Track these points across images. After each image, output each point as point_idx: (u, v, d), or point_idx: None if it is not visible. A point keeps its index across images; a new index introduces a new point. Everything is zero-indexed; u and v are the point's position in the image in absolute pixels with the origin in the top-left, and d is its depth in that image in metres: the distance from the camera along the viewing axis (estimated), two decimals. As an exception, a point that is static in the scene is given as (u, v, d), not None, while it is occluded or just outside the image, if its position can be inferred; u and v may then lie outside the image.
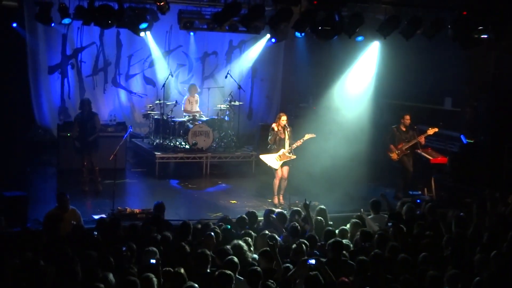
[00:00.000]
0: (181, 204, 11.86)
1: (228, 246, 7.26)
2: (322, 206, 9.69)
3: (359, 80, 15.76)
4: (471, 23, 11.79)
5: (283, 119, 11.91)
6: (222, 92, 17.07)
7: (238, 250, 7.17)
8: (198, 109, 15.44)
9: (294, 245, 7.49)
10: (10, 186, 10.64)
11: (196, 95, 15.56)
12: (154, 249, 7.13)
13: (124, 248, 7.03)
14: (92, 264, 6.67)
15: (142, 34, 12.69)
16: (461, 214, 9.29)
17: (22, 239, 7.79)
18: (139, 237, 7.88)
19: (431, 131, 12.72)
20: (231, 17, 11.92)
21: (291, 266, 6.88)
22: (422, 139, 12.80)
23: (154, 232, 8.06)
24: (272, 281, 6.25)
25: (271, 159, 11.93)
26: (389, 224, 8.89)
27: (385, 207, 10.08)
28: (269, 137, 12.03)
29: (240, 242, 7.38)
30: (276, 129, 11.91)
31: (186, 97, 15.52)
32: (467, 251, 7.68)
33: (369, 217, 9.46)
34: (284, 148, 11.86)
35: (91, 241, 7.76)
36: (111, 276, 6.26)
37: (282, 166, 11.94)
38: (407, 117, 12.93)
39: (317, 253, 7.68)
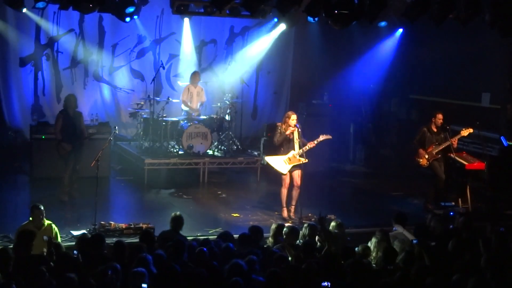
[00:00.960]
0: (174, 218, 11.83)
1: (227, 266, 7.26)
2: (339, 220, 9.69)
3: (382, 73, 15.77)
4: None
5: (293, 118, 11.59)
6: (222, 87, 17.06)
7: (237, 271, 7.17)
8: (198, 106, 15.18)
9: (304, 265, 7.48)
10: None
11: (199, 86, 15.29)
12: (143, 270, 7.13)
13: (110, 272, 7.03)
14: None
15: (128, 19, 12.71)
16: (502, 229, 9.28)
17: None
18: (127, 257, 7.88)
19: (465, 132, 12.64)
20: (232, -1, 11.91)
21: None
22: (455, 142, 12.73)
23: (145, 250, 8.05)
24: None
25: (279, 162, 11.73)
26: (414, 241, 8.89)
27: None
28: (275, 137, 11.83)
29: (239, 261, 7.37)
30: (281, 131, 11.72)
31: (186, 85, 15.33)
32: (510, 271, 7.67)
33: (392, 233, 9.44)
34: (294, 150, 11.63)
35: (70, 261, 7.77)
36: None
37: (292, 171, 11.75)
38: (440, 116, 12.74)
39: (334, 274, 7.67)
